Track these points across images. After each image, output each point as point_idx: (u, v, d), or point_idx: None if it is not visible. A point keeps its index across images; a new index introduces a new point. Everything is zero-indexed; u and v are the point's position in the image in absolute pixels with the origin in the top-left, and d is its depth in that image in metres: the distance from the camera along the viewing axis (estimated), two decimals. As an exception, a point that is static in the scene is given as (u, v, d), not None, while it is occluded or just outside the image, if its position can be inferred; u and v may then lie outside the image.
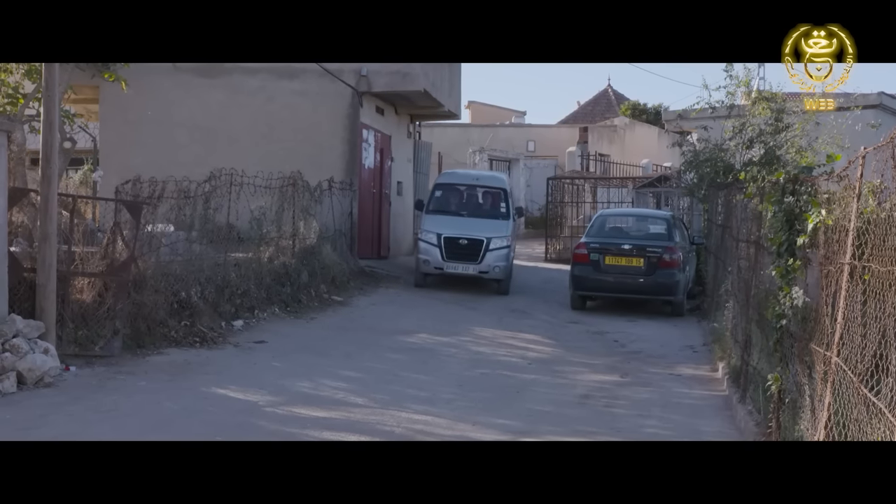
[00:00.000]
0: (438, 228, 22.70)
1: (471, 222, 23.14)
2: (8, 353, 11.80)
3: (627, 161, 42.90)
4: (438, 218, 23.26)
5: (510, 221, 23.67)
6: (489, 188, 24.68)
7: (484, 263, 22.41)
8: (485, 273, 22.55)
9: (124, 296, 14.05)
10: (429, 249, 22.63)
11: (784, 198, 9.81)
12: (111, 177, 21.07)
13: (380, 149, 27.56)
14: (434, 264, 22.58)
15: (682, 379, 14.35)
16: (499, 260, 22.54)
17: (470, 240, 22.39)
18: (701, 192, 24.51)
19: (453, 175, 26.42)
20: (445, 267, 22.52)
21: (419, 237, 23.26)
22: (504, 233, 22.93)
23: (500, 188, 24.64)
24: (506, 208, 24.00)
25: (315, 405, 11.68)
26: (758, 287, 11.86)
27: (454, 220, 23.16)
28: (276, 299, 18.46)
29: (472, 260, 22.38)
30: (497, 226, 23.15)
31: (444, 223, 22.94)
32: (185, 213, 17.00)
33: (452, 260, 22.40)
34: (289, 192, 20.51)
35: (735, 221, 15.36)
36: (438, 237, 22.50)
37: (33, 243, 14.31)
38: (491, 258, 22.44)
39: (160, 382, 12.49)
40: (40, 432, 9.98)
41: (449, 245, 22.41)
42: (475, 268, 22.42)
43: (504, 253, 22.67)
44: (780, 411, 9.76)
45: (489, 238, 22.42)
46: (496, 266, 22.51)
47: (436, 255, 22.50)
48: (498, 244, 22.53)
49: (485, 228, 22.78)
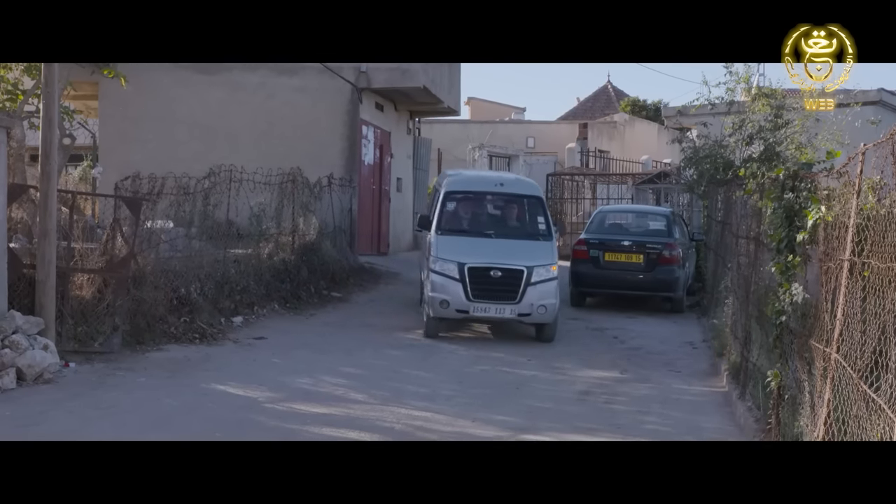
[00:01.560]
0: (459, 255, 16.54)
1: (502, 246, 17.07)
2: (7, 350, 11.80)
3: (627, 157, 42.86)
4: (456, 241, 17.10)
5: (553, 243, 17.51)
6: (520, 197, 18.36)
7: (524, 303, 16.30)
8: (525, 316, 16.50)
9: (124, 292, 14.05)
10: (447, 285, 16.34)
11: (784, 194, 9.81)
12: (111, 173, 21.09)
13: (379, 145, 27.54)
14: (456, 305, 16.31)
15: (681, 375, 14.35)
16: (544, 297, 16.39)
17: (505, 270, 16.37)
18: (700, 188, 24.48)
19: (468, 179, 19.75)
20: (472, 309, 16.33)
21: (430, 267, 16.69)
22: (548, 259, 16.85)
23: (533, 196, 18.34)
24: (545, 225, 17.74)
25: (315, 401, 11.68)
26: (757, 283, 11.86)
27: (478, 244, 17.10)
28: (276, 296, 18.46)
29: (508, 298, 16.28)
30: (537, 249, 17.05)
31: (464, 247, 16.85)
32: (185, 210, 17.00)
33: (482, 299, 16.29)
34: (288, 189, 20.50)
35: (735, 218, 15.35)
36: (461, 268, 16.33)
37: (33, 240, 14.30)
38: (534, 295, 16.32)
39: (160, 379, 12.49)
40: (40, 429, 9.98)
41: (476, 279, 16.28)
42: (513, 309, 16.32)
43: (551, 287, 16.53)
44: (779, 408, 9.76)
45: (530, 267, 16.40)
46: (541, 306, 16.32)
47: (457, 292, 16.27)
48: (542, 275, 16.44)
49: (522, 254, 16.78)
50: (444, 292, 16.35)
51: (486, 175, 22.69)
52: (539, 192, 18.93)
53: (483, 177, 21.26)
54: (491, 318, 16.74)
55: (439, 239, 17.12)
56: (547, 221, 17.85)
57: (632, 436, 10.70)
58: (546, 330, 16.85)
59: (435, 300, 16.41)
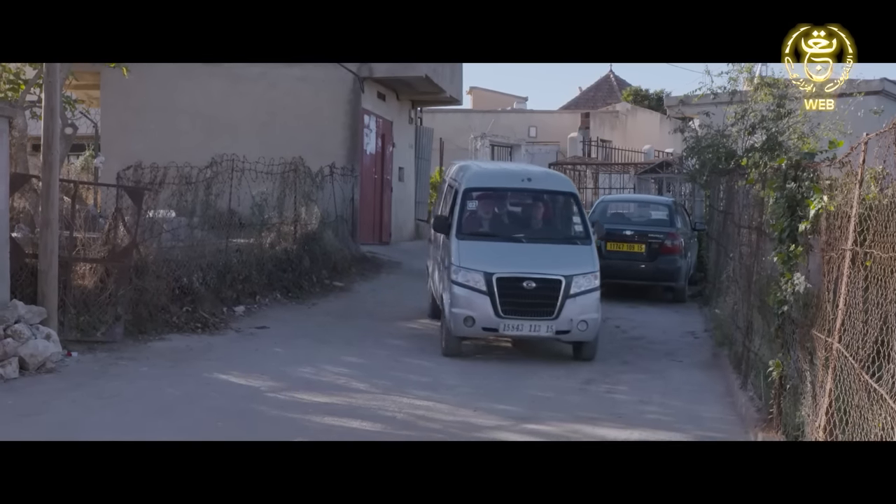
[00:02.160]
0: (485, 263, 14.23)
1: (534, 251, 14.82)
2: (10, 339, 11.81)
3: (629, 147, 42.86)
4: (480, 247, 14.78)
5: (592, 247, 15.03)
6: (551, 194, 16.03)
7: (563, 318, 14.02)
8: (564, 333, 14.22)
9: (126, 281, 14.06)
10: (471, 299, 14.07)
11: (786, 184, 9.81)
12: (113, 163, 21.08)
13: (381, 134, 27.53)
14: (483, 322, 14.02)
15: (683, 365, 14.35)
16: (585, 311, 14.14)
17: (540, 281, 14.11)
18: (703, 178, 24.46)
19: (490, 174, 17.52)
20: (501, 326, 14.02)
21: (451, 278, 14.34)
22: (588, 266, 14.50)
23: (567, 193, 16.01)
24: (582, 226, 15.46)
25: (317, 391, 11.70)
26: (759, 273, 11.86)
27: (507, 250, 14.79)
28: (278, 285, 18.45)
29: (544, 314, 14.03)
30: (575, 255, 14.79)
31: (491, 254, 14.56)
32: (187, 199, 17.00)
33: (513, 315, 13.98)
34: (290, 178, 20.49)
35: (737, 207, 15.35)
36: (488, 279, 14.04)
37: (35, 229, 14.31)
38: (573, 309, 14.07)
39: (162, 368, 12.50)
40: (42, 418, 10.00)
41: (507, 291, 14.02)
42: (549, 326, 14.01)
43: (592, 300, 14.31)
44: (781, 397, 9.77)
45: (568, 277, 14.14)
46: (581, 321, 14.07)
47: (484, 307, 13.98)
48: (582, 286, 14.20)
49: (557, 261, 14.54)
50: (468, 307, 14.00)
51: (509, 168, 20.90)
52: (573, 188, 16.61)
53: (507, 170, 18.97)
54: (524, 336, 14.33)
55: (461, 245, 14.61)
56: (584, 222, 15.42)
57: (633, 425, 10.73)
58: (586, 349, 14.53)
59: (458, 317, 14.01)
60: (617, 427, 10.58)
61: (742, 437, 10.34)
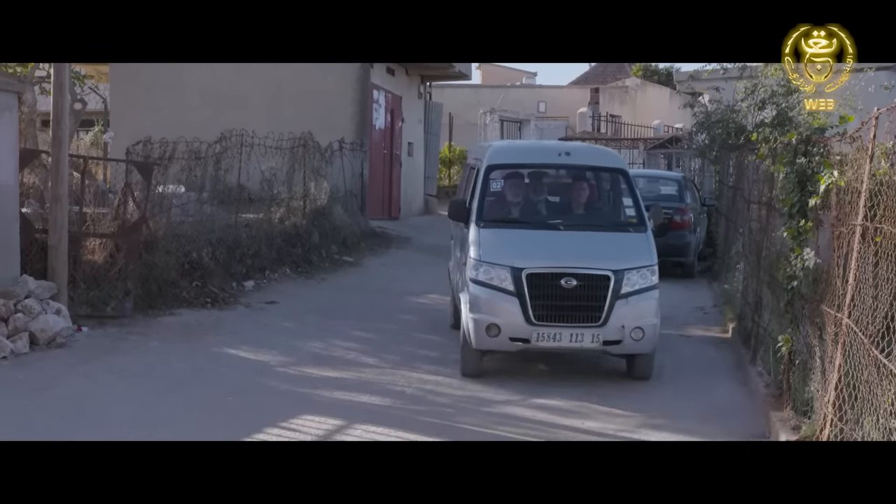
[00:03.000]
0: (513, 257, 11.39)
1: (575, 241, 11.94)
2: (20, 314, 11.85)
3: (639, 122, 42.80)
4: (507, 236, 11.97)
5: (649, 235, 12.05)
6: (596, 171, 13.18)
7: (611, 325, 11.18)
8: (614, 344, 11.30)
9: (135, 257, 14.08)
10: (495, 302, 11.28)
11: (796, 159, 9.78)
12: (122, 138, 21.08)
13: (390, 109, 27.51)
14: (510, 332, 11.20)
15: (692, 340, 14.34)
16: (641, 315, 11.30)
17: (582, 277, 11.21)
18: (712, 153, 24.42)
19: (519, 149, 15.48)
20: (534, 336, 11.13)
21: (470, 276, 11.59)
22: (644, 258, 11.62)
23: (615, 170, 13.07)
24: (635, 209, 12.43)
25: (326, 365, 11.72)
26: (769, 249, 11.85)
27: (540, 239, 11.96)
28: (287, 260, 18.47)
29: (588, 319, 11.18)
30: (627, 245, 11.98)
31: (520, 245, 11.74)
32: (196, 174, 17.01)
33: (549, 321, 11.14)
34: (299, 153, 20.49)
35: (746, 183, 15.31)
36: (517, 276, 11.19)
37: (44, 204, 14.33)
38: (625, 313, 11.22)
39: (172, 343, 12.54)
40: (53, 392, 10.04)
41: (540, 290, 11.16)
42: (595, 335, 11.14)
43: (649, 301, 11.44)
44: (790, 373, 9.76)
45: (618, 272, 11.27)
46: (636, 328, 11.22)
47: (512, 312, 11.16)
48: (636, 283, 11.36)
49: (605, 252, 11.71)
50: (491, 313, 11.19)
51: (543, 143, 18.61)
52: (622, 163, 13.56)
53: (539, 145, 17.08)
54: (563, 348, 11.35)
55: (483, 234, 11.76)
56: (637, 204, 12.36)
57: (642, 401, 10.74)
58: (641, 364, 11.69)
59: (479, 325, 11.19)
60: (626, 403, 10.59)
61: (751, 412, 10.35)
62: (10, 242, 12.40)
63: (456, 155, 39.55)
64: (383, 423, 9.31)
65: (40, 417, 9.11)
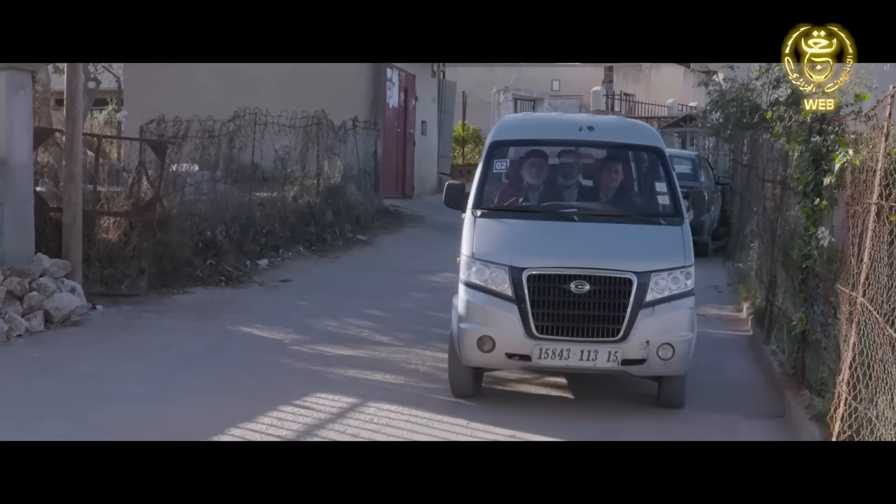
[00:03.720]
0: (513, 253, 9.34)
1: (591, 235, 9.75)
2: (35, 292, 11.88)
3: (653, 101, 42.66)
4: (507, 227, 9.84)
5: (685, 229, 9.82)
6: (621, 148, 10.80)
7: (633, 339, 9.12)
8: (636, 364, 9.22)
9: (150, 235, 14.11)
10: (490, 309, 9.28)
11: (811, 137, 9.75)
12: (135, 117, 21.11)
13: (404, 88, 27.47)
14: (507, 346, 9.20)
15: (706, 319, 14.27)
16: (670, 328, 9.24)
17: (598, 280, 9.14)
18: (727, 132, 24.36)
19: (531, 123, 12.48)
20: (536, 352, 9.09)
21: (462, 277, 9.56)
22: (676, 258, 9.44)
23: (649, 148, 10.73)
24: (670, 197, 10.16)
25: (340, 343, 11.73)
26: (783, 227, 11.83)
27: (549, 232, 9.77)
28: (301, 239, 18.49)
29: (603, 332, 9.13)
30: (657, 241, 9.79)
31: (523, 239, 9.66)
32: (210, 153, 17.04)
33: (555, 334, 9.10)
34: (313, 132, 20.50)
35: (761, 161, 15.28)
36: (516, 277, 9.17)
37: (59, 183, 14.36)
38: (651, 325, 9.16)
39: (186, 321, 12.57)
40: (68, 370, 10.07)
41: (545, 296, 9.14)
42: (612, 352, 9.08)
43: (681, 311, 9.35)
44: (804, 351, 9.76)
45: (643, 274, 9.18)
46: (664, 345, 9.14)
47: (509, 322, 9.15)
48: (666, 288, 9.26)
49: (628, 249, 9.56)
50: (484, 322, 9.20)
51: (561, 116, 15.58)
52: (658, 141, 10.90)
53: (557, 119, 13.61)
54: (573, 367, 9.22)
55: (479, 225, 9.67)
56: (673, 190, 10.08)
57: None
58: (670, 389, 9.62)
59: (469, 336, 9.18)
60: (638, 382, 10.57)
61: (765, 391, 10.35)
62: (25, 221, 12.43)
63: (469, 133, 39.54)
64: (397, 401, 9.32)
65: (55, 395, 9.14)
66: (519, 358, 9.22)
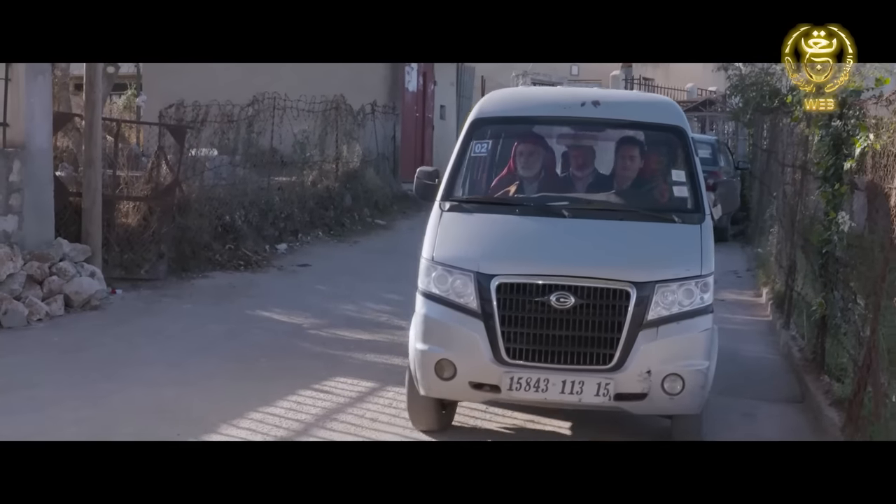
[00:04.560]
0: (479, 257, 7.47)
1: (583, 235, 7.71)
2: (55, 277, 11.91)
3: (672, 86, 42.49)
4: (479, 224, 7.96)
5: (706, 227, 7.80)
6: (632, 127, 8.74)
7: (630, 369, 7.16)
8: (634, 398, 7.25)
9: (169, 220, 14.13)
10: (451, 326, 7.44)
11: (831, 122, 9.70)
12: (154, 102, 21.14)
13: (423, 72, 27.45)
14: (470, 373, 7.37)
15: (725, 304, 14.25)
16: (680, 356, 7.27)
17: (584, 292, 7.18)
18: (746, 116, 24.30)
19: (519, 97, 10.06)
20: (506, 382, 7.21)
21: (420, 286, 7.78)
22: (690, 265, 7.43)
23: (669, 128, 8.50)
24: (690, 188, 8.13)
25: (359, 328, 11.75)
26: (803, 212, 11.78)
27: (529, 230, 7.83)
28: (320, 223, 18.52)
29: (591, 359, 7.19)
30: (667, 242, 7.73)
31: (497, 239, 7.75)
32: (229, 138, 17.09)
33: (529, 359, 7.20)
34: (332, 116, 20.53)
35: (781, 146, 15.23)
36: (483, 286, 7.29)
37: (78, 168, 14.38)
38: (653, 352, 7.18)
39: (205, 305, 12.60)
40: (87, 354, 10.10)
41: (518, 309, 7.23)
42: (605, 384, 7.13)
43: (696, 333, 7.35)
44: (823, 336, 9.73)
45: (644, 285, 7.21)
46: (672, 376, 7.17)
47: (473, 343, 7.27)
48: (675, 302, 7.27)
49: (626, 252, 7.61)
50: (443, 343, 7.44)
51: (560, 90, 13.41)
52: (679, 119, 8.63)
53: (554, 93, 11.74)
54: (552, 402, 7.39)
55: (446, 221, 7.90)
56: (693, 180, 8.10)
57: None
58: (682, 428, 7.76)
59: (425, 360, 7.49)
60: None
61: (785, 376, 10.34)
62: (45, 206, 12.47)
63: (488, 118, 39.40)
64: (415, 386, 9.33)
65: (75, 378, 9.17)
66: (485, 388, 7.35)
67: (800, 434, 8.37)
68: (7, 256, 11.42)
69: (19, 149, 12.04)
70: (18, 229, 11.97)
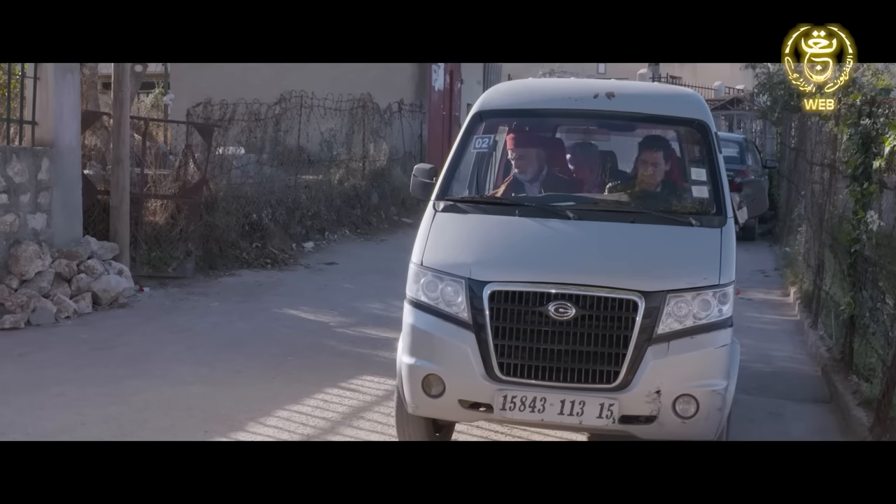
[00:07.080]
0: (472, 263, 6.61)
1: (587, 238, 6.86)
2: (83, 274, 11.97)
3: (699, 84, 42.37)
4: (472, 225, 7.12)
5: (727, 232, 6.93)
6: (649, 121, 8.00)
7: (637, 389, 6.27)
8: (641, 421, 6.33)
9: (196, 218, 14.19)
10: (438, 340, 6.59)
11: (860, 120, 9.65)
12: (182, 100, 21.23)
13: (449, 71, 27.48)
14: (459, 391, 6.52)
15: (753, 303, 14.24)
16: (693, 375, 6.35)
17: (586, 302, 6.33)
18: (774, 114, 24.21)
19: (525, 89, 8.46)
20: (499, 401, 6.35)
21: (408, 293, 6.87)
22: (708, 273, 6.52)
23: (687, 121, 7.78)
24: (711, 188, 7.35)
25: (386, 326, 11.73)
26: (832, 211, 11.73)
27: (528, 234, 6.94)
28: (347, 221, 18.56)
29: (593, 376, 6.31)
30: (682, 248, 6.83)
31: (488, 241, 6.90)
32: (256, 136, 17.13)
33: (524, 375, 6.35)
34: (359, 115, 20.57)
35: (809, 144, 15.15)
36: (474, 293, 6.46)
37: (106, 166, 14.46)
38: (665, 370, 6.29)
39: (232, 303, 12.64)
40: (115, 352, 10.14)
41: (513, 320, 6.38)
42: (608, 405, 6.26)
43: (712, 351, 6.40)
44: (852, 336, 9.68)
45: (655, 295, 6.31)
46: (684, 396, 6.28)
47: (464, 357, 6.43)
48: (688, 315, 6.36)
49: (635, 258, 6.68)
50: (431, 356, 6.64)
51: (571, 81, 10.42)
52: (701, 112, 7.80)
53: (565, 84, 9.19)
54: (550, 423, 6.58)
55: (439, 222, 7.12)
56: (715, 179, 7.37)
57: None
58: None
59: (413, 375, 6.67)
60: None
61: (813, 376, 10.30)
62: (73, 204, 12.52)
63: (515, 116, 39.41)
64: (442, 384, 9.32)
65: (103, 376, 9.20)
66: (478, 407, 6.56)
67: (827, 434, 8.33)
68: (36, 254, 11.49)
69: (48, 147, 12.10)
70: (47, 227, 12.03)
